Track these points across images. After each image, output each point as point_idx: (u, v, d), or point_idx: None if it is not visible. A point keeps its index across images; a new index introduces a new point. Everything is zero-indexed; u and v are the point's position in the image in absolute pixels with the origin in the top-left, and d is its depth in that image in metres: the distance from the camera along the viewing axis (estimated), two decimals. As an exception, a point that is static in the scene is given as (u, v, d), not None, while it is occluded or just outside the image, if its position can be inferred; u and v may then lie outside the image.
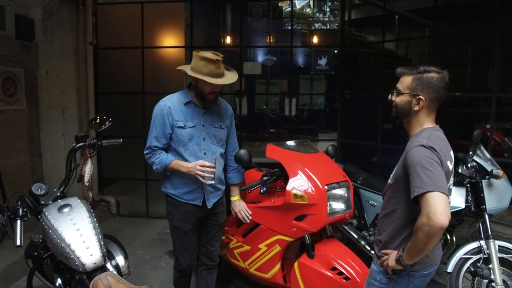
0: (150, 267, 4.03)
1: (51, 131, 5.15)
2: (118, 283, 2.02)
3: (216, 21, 6.86)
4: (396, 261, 1.81)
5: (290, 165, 2.74)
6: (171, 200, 2.77)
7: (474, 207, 3.12)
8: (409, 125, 1.93)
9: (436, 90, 1.83)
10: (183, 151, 2.66)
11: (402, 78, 1.91)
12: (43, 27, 4.99)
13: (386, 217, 1.95)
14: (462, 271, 3.03)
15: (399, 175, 1.84)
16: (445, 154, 1.77)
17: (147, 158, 2.72)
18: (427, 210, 1.61)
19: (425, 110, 1.86)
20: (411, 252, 1.74)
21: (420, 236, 1.66)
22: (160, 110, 2.65)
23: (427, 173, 1.65)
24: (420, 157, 1.70)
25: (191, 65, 2.58)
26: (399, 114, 1.93)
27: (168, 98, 2.70)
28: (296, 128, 6.75)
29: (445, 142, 1.85)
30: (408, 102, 1.87)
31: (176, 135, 2.66)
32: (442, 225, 1.59)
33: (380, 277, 1.94)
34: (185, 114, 2.66)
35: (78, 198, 2.53)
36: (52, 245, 2.32)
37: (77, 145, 2.67)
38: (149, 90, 5.38)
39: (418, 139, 1.78)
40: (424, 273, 1.90)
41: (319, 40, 7.28)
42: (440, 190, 1.62)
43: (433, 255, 1.90)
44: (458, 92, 7.08)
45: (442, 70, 1.86)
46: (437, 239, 1.68)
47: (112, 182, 5.98)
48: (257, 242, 2.91)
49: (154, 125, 2.67)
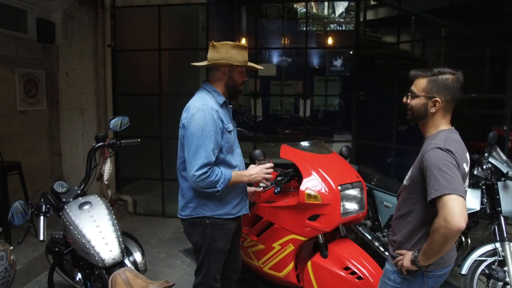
0: (166, 265, 4.10)
1: (70, 132, 5.29)
2: (135, 278, 2.08)
3: (231, 23, 6.92)
4: (411, 262, 1.82)
5: (304, 165, 2.78)
6: (212, 222, 2.39)
7: (489, 209, 3.11)
8: (425, 127, 1.93)
9: (451, 91, 1.82)
10: (231, 158, 2.41)
11: (416, 81, 1.91)
12: (63, 30, 5.14)
13: (401, 218, 1.96)
14: (477, 274, 3.01)
15: (415, 177, 1.84)
16: (461, 156, 1.77)
17: (205, 178, 2.20)
18: (444, 213, 1.61)
19: (441, 112, 1.87)
20: (427, 253, 1.75)
21: (437, 238, 1.66)
22: (211, 115, 2.24)
23: (444, 175, 1.66)
24: (437, 159, 1.70)
25: (217, 57, 2.32)
26: (415, 116, 1.92)
27: (205, 100, 2.32)
28: (310, 129, 6.77)
29: (461, 144, 1.85)
30: (424, 105, 1.87)
31: (227, 142, 2.36)
32: (460, 228, 1.59)
33: (394, 277, 1.95)
34: (225, 116, 2.40)
35: (97, 196, 2.63)
36: (72, 241, 2.41)
37: (97, 144, 2.76)
38: (165, 92, 5.47)
39: (435, 141, 1.78)
40: (439, 273, 1.90)
41: (334, 41, 7.30)
42: (457, 193, 1.62)
43: (447, 256, 1.90)
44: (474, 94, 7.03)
45: (457, 71, 1.86)
46: (454, 241, 1.69)
47: (129, 182, 6.10)
48: (271, 241, 2.95)
49: (207, 135, 2.22)
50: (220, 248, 2.45)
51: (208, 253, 2.44)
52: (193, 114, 2.25)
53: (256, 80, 5.78)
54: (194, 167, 2.20)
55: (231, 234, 2.49)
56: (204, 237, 2.41)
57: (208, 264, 2.46)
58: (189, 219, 2.43)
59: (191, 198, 2.40)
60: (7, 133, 4.47)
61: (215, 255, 2.45)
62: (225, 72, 2.38)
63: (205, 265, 2.47)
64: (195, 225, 2.42)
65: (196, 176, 2.20)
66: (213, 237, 2.41)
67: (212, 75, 2.44)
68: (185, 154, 2.28)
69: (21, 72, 4.60)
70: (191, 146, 2.23)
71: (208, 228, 2.40)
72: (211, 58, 2.35)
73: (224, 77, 2.40)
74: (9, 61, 4.46)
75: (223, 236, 2.44)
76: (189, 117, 2.27)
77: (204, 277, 2.49)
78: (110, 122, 2.79)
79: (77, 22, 5.13)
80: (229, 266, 2.70)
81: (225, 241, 2.46)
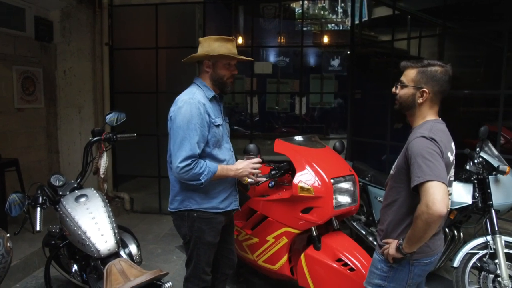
0: (162, 260, 4.14)
1: (68, 129, 5.33)
2: (130, 268, 2.12)
3: (228, 22, 6.98)
4: (396, 250, 1.86)
5: (297, 159, 2.81)
6: (199, 215, 2.41)
7: (481, 203, 3.14)
8: (412, 118, 1.96)
9: (440, 83, 1.86)
10: (219, 152, 2.43)
11: (406, 71, 1.95)
12: (61, 29, 5.17)
13: (387, 207, 1.99)
14: (468, 266, 3.05)
15: (401, 166, 1.88)
16: (445, 146, 1.81)
17: (188, 170, 2.23)
18: (426, 199, 1.65)
19: (428, 103, 1.90)
20: (410, 240, 1.78)
21: (419, 224, 1.70)
22: (197, 109, 2.27)
23: (427, 163, 1.70)
24: (421, 147, 1.75)
25: (200, 51, 2.37)
26: (402, 106, 1.96)
27: (193, 94, 2.34)
28: (306, 126, 6.82)
29: (446, 134, 1.89)
30: (412, 95, 1.90)
31: (214, 136, 2.37)
32: (441, 213, 1.63)
33: (381, 266, 1.99)
34: (214, 110, 2.41)
35: (94, 189, 2.66)
36: (69, 233, 2.45)
37: (93, 139, 2.80)
38: (162, 90, 5.51)
39: (420, 131, 1.82)
40: (425, 261, 1.93)
41: (330, 40, 7.34)
42: (439, 180, 1.66)
43: (434, 244, 1.94)
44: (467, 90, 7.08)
45: (446, 64, 1.90)
46: (436, 227, 1.72)
47: (126, 179, 6.13)
48: (265, 234, 2.98)
49: (192, 128, 2.25)
50: (209, 242, 2.46)
51: (196, 246, 2.46)
52: (180, 107, 2.28)
53: (253, 78, 5.82)
54: (178, 159, 2.23)
55: (219, 228, 2.50)
56: (192, 230, 2.44)
57: (197, 257, 2.49)
58: (177, 212, 2.46)
59: (178, 191, 2.43)
60: (5, 131, 4.51)
61: (203, 248, 2.47)
62: (208, 65, 2.41)
63: (194, 258, 2.50)
64: (183, 218, 2.44)
65: (180, 168, 2.22)
66: (201, 230, 2.43)
67: (200, 70, 2.48)
68: (171, 146, 2.32)
69: (19, 70, 4.64)
70: (177, 138, 2.26)
71: (196, 221, 2.42)
72: (199, 52, 2.40)
73: (208, 70, 2.42)
74: (7, 59, 4.50)
75: (211, 229, 2.45)
76: (176, 110, 2.31)
77: (194, 270, 2.52)
78: (106, 116, 2.83)
79: (75, 20, 5.17)
80: (223, 261, 2.74)
81: (214, 234, 2.47)
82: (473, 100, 7.48)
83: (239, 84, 6.12)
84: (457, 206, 3.16)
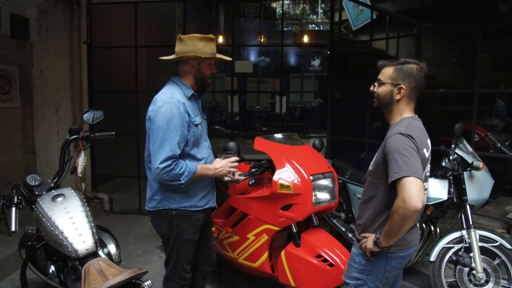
0: (142, 260, 4.10)
1: (45, 129, 5.22)
2: (109, 267, 2.10)
3: (209, 21, 6.96)
4: (374, 243, 1.91)
5: (277, 157, 2.83)
6: (178, 213, 2.40)
7: (456, 198, 3.22)
8: (390, 115, 2.02)
9: (416, 79, 1.93)
10: (197, 152, 2.42)
11: (383, 70, 2.01)
12: (38, 26, 5.07)
13: (366, 202, 2.04)
14: (445, 260, 3.13)
15: (379, 162, 1.93)
16: (422, 142, 1.87)
17: (169, 171, 2.21)
18: (403, 194, 1.70)
19: (405, 100, 1.96)
20: (387, 234, 1.84)
21: (396, 218, 1.75)
22: (177, 108, 2.25)
23: (404, 159, 1.75)
24: (398, 144, 1.80)
25: (184, 49, 2.33)
26: (381, 104, 2.02)
27: (172, 93, 2.32)
28: (287, 126, 6.86)
29: (422, 130, 1.95)
30: (390, 92, 1.96)
31: (193, 135, 2.37)
32: (416, 208, 1.68)
33: (359, 259, 2.04)
34: (193, 109, 2.39)
35: (71, 189, 2.62)
36: (45, 233, 2.41)
37: (71, 137, 2.76)
38: (142, 89, 5.46)
39: (397, 128, 1.88)
40: (401, 255, 1.99)
41: (310, 40, 7.41)
42: (415, 175, 1.71)
43: (410, 238, 1.99)
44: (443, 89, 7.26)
45: (421, 62, 1.97)
46: (412, 221, 1.77)
47: (105, 180, 6.03)
48: (245, 232, 2.99)
49: (173, 128, 2.22)
50: (188, 239, 2.45)
51: (176, 244, 2.45)
52: (160, 107, 2.25)
53: (233, 78, 5.82)
54: (158, 160, 2.20)
55: (198, 225, 2.50)
56: (171, 228, 2.43)
57: (176, 255, 2.47)
58: (155, 211, 2.44)
59: (156, 191, 2.41)
60: (-21, 130, 4.39)
61: (183, 246, 2.46)
62: (193, 65, 2.39)
63: (173, 256, 2.48)
64: (161, 216, 2.43)
65: (160, 169, 2.20)
66: (180, 227, 2.42)
67: (181, 69, 2.43)
68: (150, 147, 2.29)
69: (-6, 68, 4.53)
70: (156, 139, 2.23)
71: (175, 219, 2.41)
72: (179, 51, 2.35)
73: (193, 70, 2.40)
74: (-19, 57, 4.39)
75: (190, 227, 2.45)
76: (155, 110, 2.27)
77: (174, 268, 2.51)
78: (83, 115, 2.80)
79: (52, 18, 5.07)
80: (202, 259, 2.74)
81: (193, 232, 2.47)
82: (449, 99, 7.66)
83: (219, 83, 6.11)
84: (433, 202, 3.23)
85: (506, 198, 4.38)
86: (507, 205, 3.96)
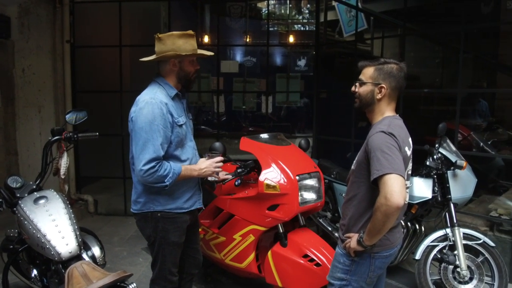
0: (127, 262, 4.06)
1: (27, 130, 5.11)
2: (93, 270, 2.06)
3: (194, 20, 6.92)
4: (357, 243, 1.91)
5: (263, 157, 2.83)
6: (164, 215, 2.36)
7: (440, 197, 3.27)
8: (372, 114, 2.04)
9: (396, 79, 1.96)
10: (181, 153, 2.37)
11: (364, 70, 2.03)
12: (20, 25, 4.96)
13: (349, 202, 2.05)
14: (430, 258, 3.17)
15: (361, 160, 1.94)
16: (403, 140, 1.89)
17: (153, 173, 2.17)
18: (384, 191, 1.72)
19: (386, 99, 1.98)
20: (371, 232, 1.84)
21: (378, 216, 1.76)
22: (159, 109, 2.20)
23: (386, 157, 1.76)
24: (380, 142, 1.82)
25: (164, 49, 2.28)
26: (363, 103, 2.03)
27: (155, 93, 2.28)
28: (273, 126, 6.87)
29: (404, 129, 1.97)
30: (371, 91, 1.98)
31: (177, 136, 2.32)
32: (398, 205, 1.70)
33: (343, 260, 2.04)
34: (177, 109, 2.35)
35: (54, 191, 2.58)
36: (28, 236, 2.36)
37: (53, 138, 2.71)
38: (127, 89, 5.39)
39: (379, 126, 1.90)
40: (385, 254, 2.00)
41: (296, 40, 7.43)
42: (397, 172, 1.72)
43: (393, 237, 2.01)
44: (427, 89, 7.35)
45: (401, 62, 2.00)
46: (394, 218, 1.78)
47: (90, 181, 5.96)
48: (231, 233, 2.98)
49: (155, 130, 2.18)
50: (174, 242, 2.42)
51: (161, 247, 2.42)
52: (142, 108, 2.22)
53: (219, 78, 5.80)
54: (141, 162, 2.17)
55: (184, 228, 2.47)
56: (156, 231, 2.39)
57: (162, 258, 2.44)
58: (140, 213, 2.41)
59: (141, 193, 2.37)
60: (-42, 131, 4.28)
61: (169, 249, 2.42)
62: (175, 63, 2.35)
63: (159, 259, 2.45)
64: (146, 218, 2.39)
65: (144, 171, 2.16)
66: (166, 230, 2.38)
67: (163, 68, 2.39)
68: (133, 149, 2.26)
69: (-27, 67, 4.43)
70: (139, 140, 2.20)
71: (160, 221, 2.37)
72: (159, 51, 2.32)
73: (175, 68, 2.36)
74: (-40, 56, 4.28)
75: (176, 229, 2.41)
76: (137, 111, 2.24)
77: (160, 271, 2.47)
78: (66, 116, 2.75)
79: (34, 16, 4.97)
80: (189, 261, 2.71)
81: (179, 234, 2.44)
82: (433, 99, 7.76)
83: (205, 83, 6.08)
84: (418, 201, 3.27)
85: (489, 196, 4.45)
86: (490, 203, 4.01)
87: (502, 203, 3.93)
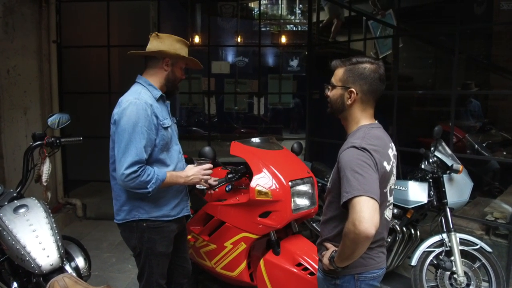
0: (116, 269, 3.94)
1: (13, 132, 4.97)
2: (75, 284, 1.95)
3: (184, 20, 6.81)
4: (329, 261, 1.72)
5: (254, 162, 2.73)
6: (149, 225, 2.25)
7: (436, 201, 3.22)
8: (346, 122, 1.81)
9: (368, 81, 1.71)
10: (166, 157, 2.27)
11: (336, 71, 1.80)
12: (4, 24, 4.81)
13: (327, 223, 1.82)
14: (426, 264, 3.10)
15: (335, 179, 1.71)
16: (381, 154, 1.66)
17: (135, 178, 2.06)
18: (353, 217, 1.50)
19: (359, 105, 1.75)
20: (340, 256, 1.64)
21: (347, 243, 1.56)
22: (144, 110, 2.10)
23: (356, 176, 1.54)
24: (351, 159, 1.59)
25: (162, 47, 2.23)
26: (334, 109, 1.82)
27: (139, 94, 2.18)
28: (265, 127, 6.80)
29: (382, 140, 1.74)
30: (341, 96, 1.76)
31: (162, 139, 2.21)
32: (368, 234, 1.47)
33: (327, 285, 1.81)
34: (161, 111, 2.25)
35: (35, 199, 2.47)
36: (6, 247, 2.25)
37: (34, 144, 2.59)
38: (115, 90, 5.28)
39: (352, 140, 1.67)
40: (371, 275, 1.76)
41: (288, 40, 7.35)
42: (367, 195, 1.50)
43: (379, 257, 1.78)
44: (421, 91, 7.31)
45: (376, 61, 1.76)
46: (365, 247, 1.57)
47: (78, 185, 5.83)
48: (222, 240, 2.88)
49: (139, 131, 2.08)
50: (161, 252, 2.32)
51: (148, 258, 2.30)
52: (125, 109, 2.11)
53: (210, 78, 5.71)
54: (123, 165, 2.06)
55: (172, 237, 2.37)
56: (142, 241, 2.27)
57: (149, 269, 2.33)
58: (125, 223, 2.30)
59: (124, 201, 2.26)
60: None
61: (156, 260, 2.31)
62: (168, 63, 2.28)
63: (146, 271, 2.33)
64: (131, 229, 2.28)
65: (126, 175, 2.05)
66: (152, 240, 2.27)
67: (151, 67, 2.31)
68: (115, 151, 2.14)
69: (-45, 69, 4.28)
70: (121, 143, 2.09)
71: (146, 231, 2.25)
72: (155, 47, 2.24)
73: (167, 68, 2.29)
74: None
75: (163, 239, 2.30)
76: (120, 112, 2.13)
77: (147, 283, 2.35)
78: (48, 119, 2.62)
79: (19, 16, 4.83)
80: (177, 271, 2.61)
81: (166, 244, 2.33)
82: (427, 100, 7.72)
83: (196, 84, 5.99)
84: (413, 205, 3.21)
85: (484, 199, 4.40)
86: (485, 205, 3.96)
87: (497, 206, 3.87)
